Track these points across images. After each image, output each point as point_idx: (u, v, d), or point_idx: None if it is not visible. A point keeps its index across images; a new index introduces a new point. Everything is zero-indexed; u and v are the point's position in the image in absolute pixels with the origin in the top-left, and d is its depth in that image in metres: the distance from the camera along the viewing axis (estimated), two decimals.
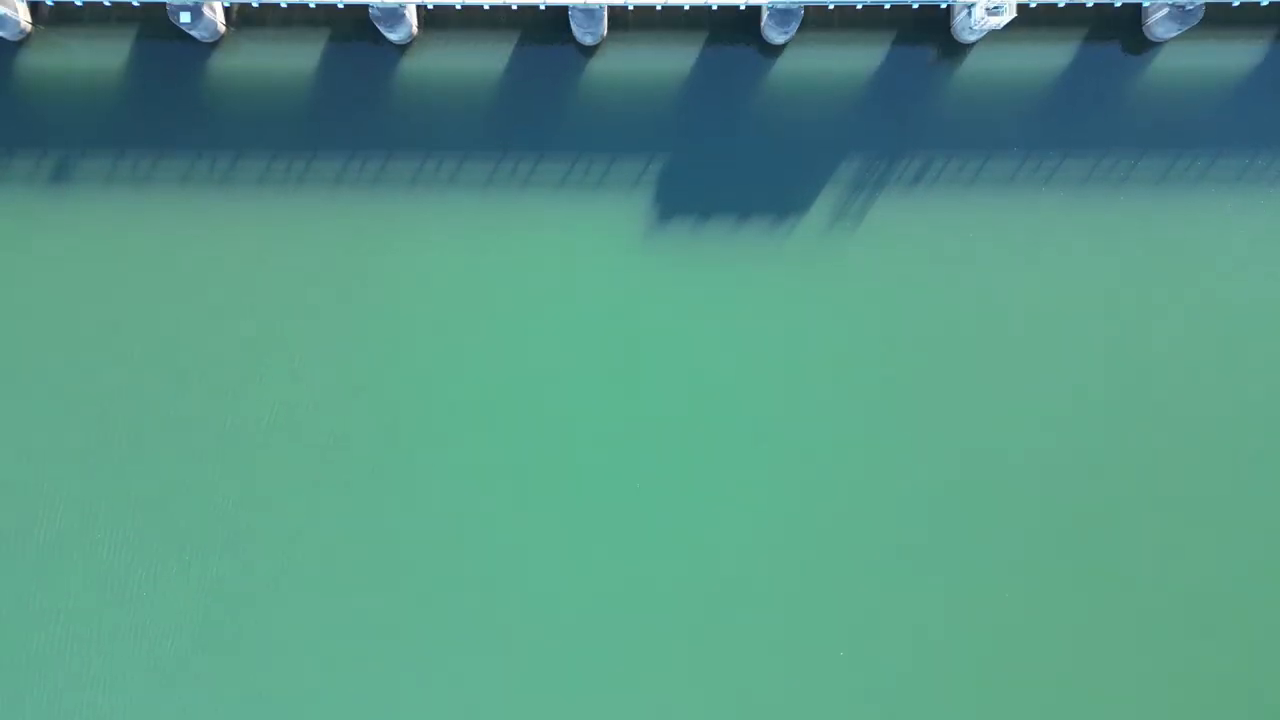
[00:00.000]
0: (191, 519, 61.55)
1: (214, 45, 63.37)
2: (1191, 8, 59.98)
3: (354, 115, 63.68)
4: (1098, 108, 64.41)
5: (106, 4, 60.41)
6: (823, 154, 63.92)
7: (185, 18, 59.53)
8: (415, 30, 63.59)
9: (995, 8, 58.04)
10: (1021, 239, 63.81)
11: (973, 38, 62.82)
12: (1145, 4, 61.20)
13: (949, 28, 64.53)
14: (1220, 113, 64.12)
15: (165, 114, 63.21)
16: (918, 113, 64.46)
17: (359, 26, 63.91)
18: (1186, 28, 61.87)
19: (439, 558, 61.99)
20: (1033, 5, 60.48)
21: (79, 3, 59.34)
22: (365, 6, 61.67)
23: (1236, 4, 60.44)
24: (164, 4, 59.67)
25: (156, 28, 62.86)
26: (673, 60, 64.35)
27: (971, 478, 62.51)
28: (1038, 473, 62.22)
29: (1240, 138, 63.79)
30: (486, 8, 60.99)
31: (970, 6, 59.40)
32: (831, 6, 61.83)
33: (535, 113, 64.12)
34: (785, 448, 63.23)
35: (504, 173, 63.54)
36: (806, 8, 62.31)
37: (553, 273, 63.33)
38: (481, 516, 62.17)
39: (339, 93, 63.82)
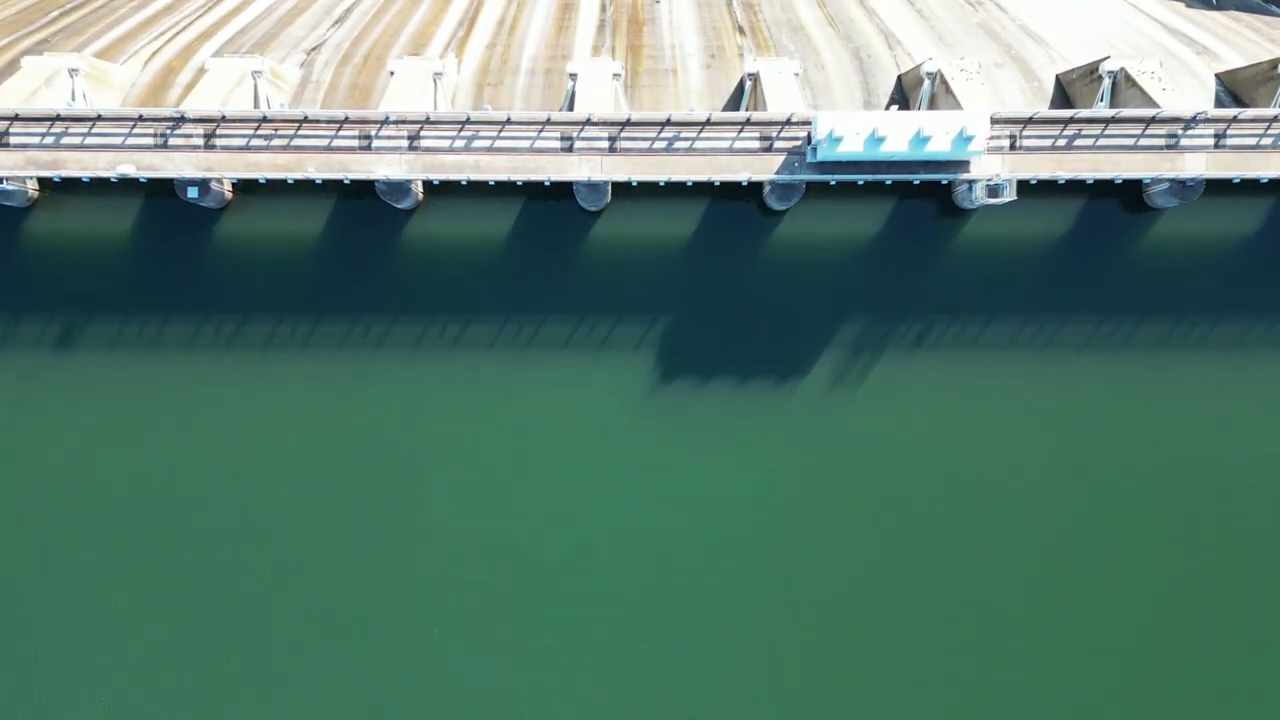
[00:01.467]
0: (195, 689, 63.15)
1: (221, 210, 63.59)
2: (1192, 184, 60.07)
3: (359, 278, 64.06)
4: (1098, 272, 64.66)
5: (113, 181, 60.54)
6: (824, 316, 64.34)
7: (193, 193, 59.69)
8: (420, 196, 63.74)
9: (996, 188, 58.15)
10: (1022, 402, 64.42)
11: (973, 206, 62.93)
12: (1145, 180, 61.23)
13: (950, 193, 64.61)
14: (1220, 279, 64.42)
15: (171, 277, 63.61)
16: (919, 275, 64.74)
17: (365, 191, 64.01)
18: (1187, 201, 62.07)
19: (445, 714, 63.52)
20: (1033, 183, 60.50)
21: (85, 179, 59.38)
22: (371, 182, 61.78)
23: (1237, 180, 60.49)
24: (171, 180, 59.82)
25: (163, 194, 63.03)
26: (675, 223, 64.52)
27: (970, 638, 63.78)
28: (1036, 649, 63.50)
29: (1240, 303, 64.20)
30: (492, 184, 61.11)
31: (971, 184, 59.46)
32: (834, 183, 61.92)
33: (539, 275, 64.44)
34: (788, 600, 64.41)
35: (508, 335, 64.04)
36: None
37: (557, 433, 64.05)
38: (483, 674, 63.49)
39: (344, 256, 64.14)
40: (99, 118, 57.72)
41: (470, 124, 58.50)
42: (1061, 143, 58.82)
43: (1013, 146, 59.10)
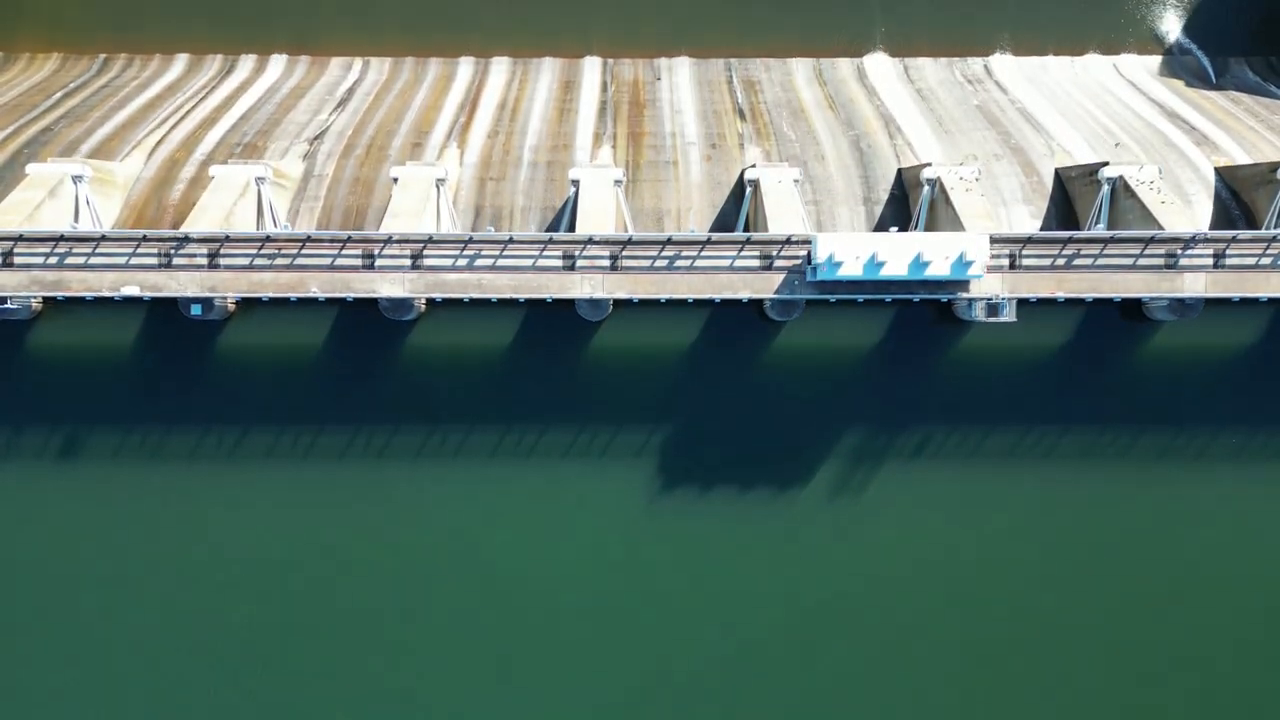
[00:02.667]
0: None
1: (224, 321, 63.89)
2: (1191, 301, 60.38)
3: (360, 387, 64.28)
4: (1098, 382, 64.87)
5: (116, 299, 60.71)
6: (825, 424, 64.56)
7: (196, 310, 59.97)
8: (422, 307, 64.00)
9: (996, 307, 58.43)
10: (1022, 512, 64.61)
11: (973, 319, 63.16)
12: (1145, 300, 61.48)
13: (950, 304, 64.77)
14: (1220, 389, 64.65)
15: (174, 388, 63.88)
16: (919, 384, 64.99)
17: (367, 302, 64.18)
18: (1187, 319, 62.35)
19: None
20: (1034, 301, 60.74)
21: (89, 297, 59.53)
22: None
23: (1236, 299, 60.70)
24: (175, 299, 60.13)
25: (166, 305, 63.22)
26: (676, 331, 64.71)
27: None
28: None
29: (1240, 414, 64.36)
30: (495, 301, 61.30)
31: (972, 302, 59.75)
32: (834, 300, 62.18)
33: (540, 383, 64.70)
34: (790, 705, 64.52)
35: (509, 444, 64.22)
36: None
37: (558, 542, 64.22)
38: None
39: (346, 366, 64.39)
40: (103, 238, 58.10)
41: (473, 243, 58.86)
42: (1061, 262, 59.11)
43: (1012, 265, 59.40)
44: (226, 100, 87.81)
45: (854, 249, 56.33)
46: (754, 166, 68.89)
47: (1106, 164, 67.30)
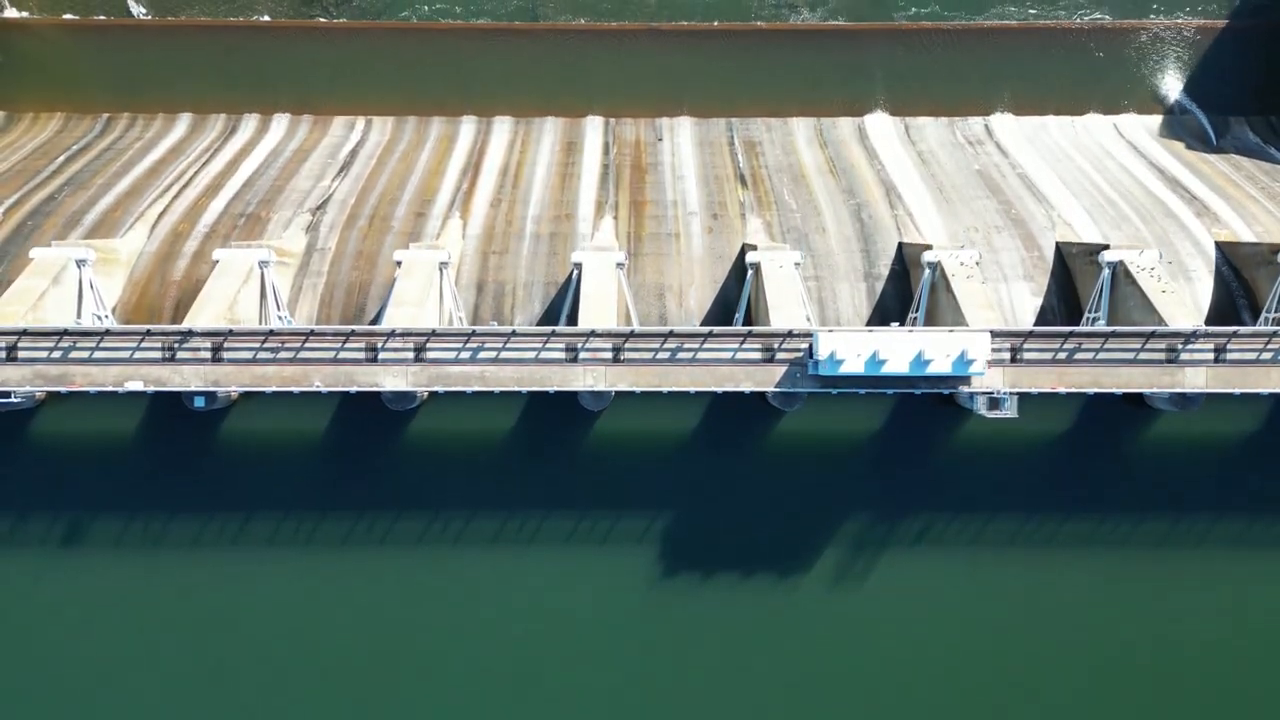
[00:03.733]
0: None
1: (226, 409, 64.17)
2: (1193, 394, 60.56)
3: (362, 475, 64.59)
4: (1099, 468, 65.15)
5: (119, 393, 60.91)
6: (827, 511, 64.76)
7: (199, 402, 60.19)
8: (424, 396, 64.19)
9: (997, 401, 58.60)
10: (1024, 599, 64.72)
11: (974, 409, 63.40)
12: (1146, 394, 61.70)
13: (952, 395, 65.05)
14: (1220, 477, 64.86)
15: (176, 475, 64.19)
16: (921, 471, 65.24)
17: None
18: (1188, 411, 62.56)
19: None
20: (1034, 394, 60.89)
21: (92, 391, 59.75)
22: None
23: (1238, 394, 60.87)
24: (178, 393, 60.36)
25: (169, 396, 63.55)
26: (677, 418, 64.99)
27: None
28: None
29: (1240, 502, 64.56)
30: (497, 393, 61.52)
31: (973, 395, 59.94)
32: (835, 393, 62.43)
33: (541, 471, 64.96)
34: None
35: (510, 531, 64.40)
36: None
37: (558, 629, 64.32)
38: None
39: (347, 453, 64.68)
40: (107, 332, 58.30)
41: (476, 336, 59.08)
42: (1062, 355, 59.25)
43: (1014, 359, 59.55)
44: (229, 165, 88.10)
45: (855, 346, 56.52)
46: (755, 249, 69.04)
47: (1107, 247, 67.48)
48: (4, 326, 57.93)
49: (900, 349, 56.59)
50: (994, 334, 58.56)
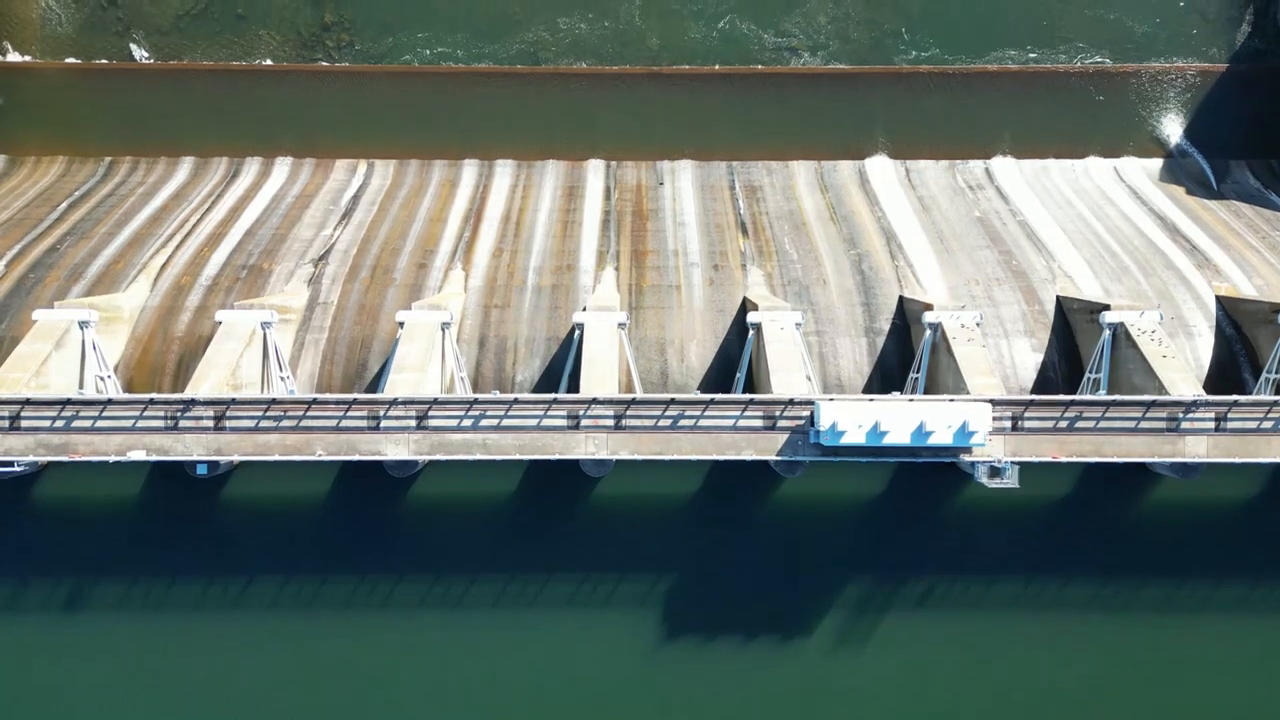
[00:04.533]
0: None
1: (228, 473, 64.28)
2: (1194, 464, 60.67)
3: (363, 537, 64.68)
4: (1100, 532, 65.18)
5: (121, 461, 61.13)
6: (828, 574, 64.80)
7: (202, 469, 60.36)
8: (425, 461, 64.43)
9: (999, 470, 58.65)
10: (1025, 661, 64.70)
11: (976, 476, 63.58)
12: (1149, 462, 61.81)
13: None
14: (1221, 541, 64.86)
15: (178, 539, 64.30)
16: (922, 533, 65.34)
17: None
18: (1189, 479, 62.67)
19: None
20: (1035, 461, 61.01)
21: (93, 460, 59.94)
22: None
23: (1238, 463, 60.98)
24: (180, 461, 60.50)
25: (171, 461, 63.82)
26: (679, 481, 65.04)
27: None
28: None
29: (1241, 566, 64.59)
30: (499, 461, 61.67)
31: (975, 464, 60.03)
32: (837, 460, 62.59)
33: (543, 534, 65.08)
34: None
35: (512, 594, 64.43)
36: None
37: (560, 691, 64.34)
38: None
39: (348, 517, 64.81)
40: (109, 402, 58.42)
41: (478, 404, 59.20)
42: (1063, 424, 59.30)
43: (1014, 427, 59.59)
44: (232, 212, 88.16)
45: (857, 417, 56.59)
46: (756, 309, 69.14)
47: (1107, 307, 67.61)
48: (7, 396, 58.07)
49: (901, 420, 56.67)
50: (994, 403, 58.61)
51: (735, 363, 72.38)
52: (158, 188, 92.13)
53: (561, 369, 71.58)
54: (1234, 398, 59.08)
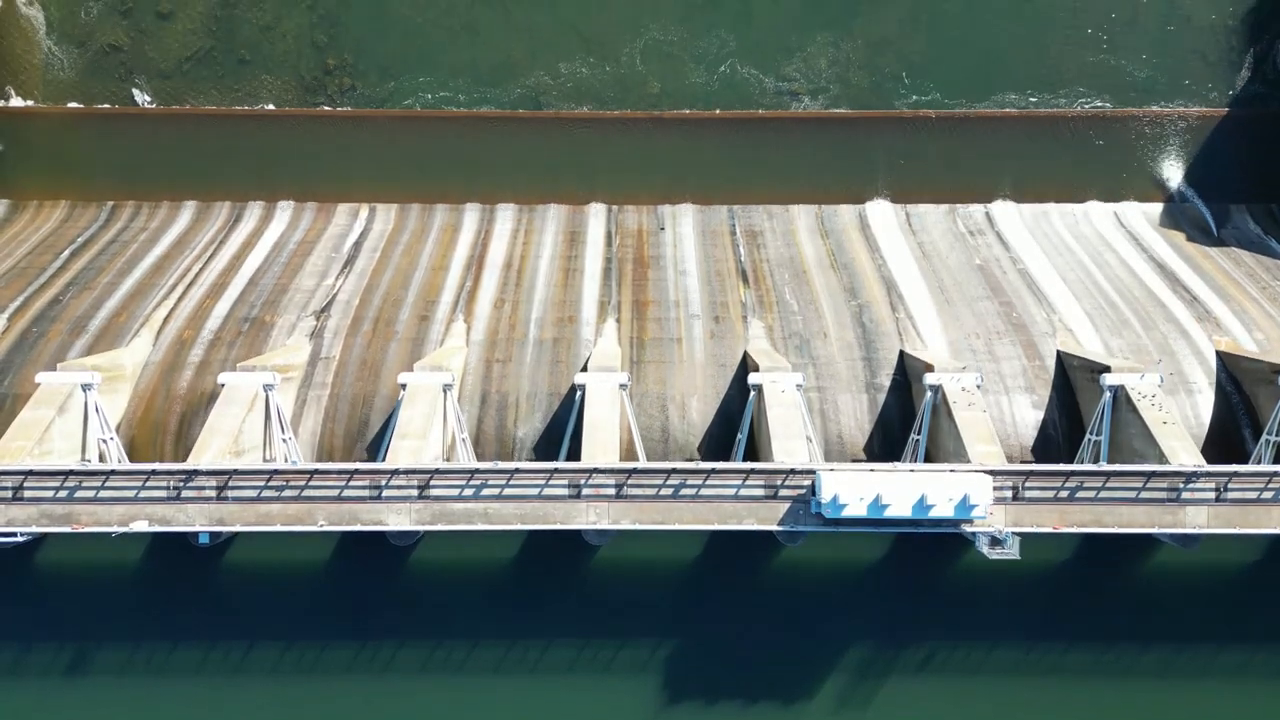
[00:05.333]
0: None
1: (229, 540, 64.53)
2: (1194, 534, 60.78)
3: (365, 602, 64.97)
4: (1101, 597, 65.40)
5: (123, 531, 61.37)
6: (829, 639, 64.97)
7: (204, 538, 60.60)
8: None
9: (1000, 540, 58.78)
10: None
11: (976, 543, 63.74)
12: (1153, 532, 62.00)
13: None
14: (1222, 606, 65.04)
15: (180, 604, 64.54)
16: (923, 598, 65.53)
17: None
18: (1190, 548, 62.82)
19: None
20: (1035, 531, 61.16)
21: (97, 532, 60.18)
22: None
23: (1238, 534, 61.10)
24: (182, 533, 60.68)
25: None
26: (679, 546, 65.27)
27: None
28: None
29: (1242, 632, 64.73)
30: (499, 529, 61.92)
31: (975, 534, 60.15)
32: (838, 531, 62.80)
33: (543, 599, 65.26)
34: None
35: (512, 660, 64.59)
36: None
37: None
38: None
39: (349, 583, 65.11)
40: (112, 472, 58.58)
41: (479, 474, 59.37)
42: (1064, 494, 59.37)
43: (1015, 497, 59.66)
44: (234, 260, 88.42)
45: (858, 490, 56.69)
46: (758, 370, 69.26)
47: (1108, 369, 67.70)
48: (10, 467, 58.16)
49: (902, 492, 56.74)
50: (995, 473, 58.70)
51: (736, 419, 72.59)
52: (160, 233, 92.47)
53: (562, 426, 71.68)
54: (1234, 468, 59.18)
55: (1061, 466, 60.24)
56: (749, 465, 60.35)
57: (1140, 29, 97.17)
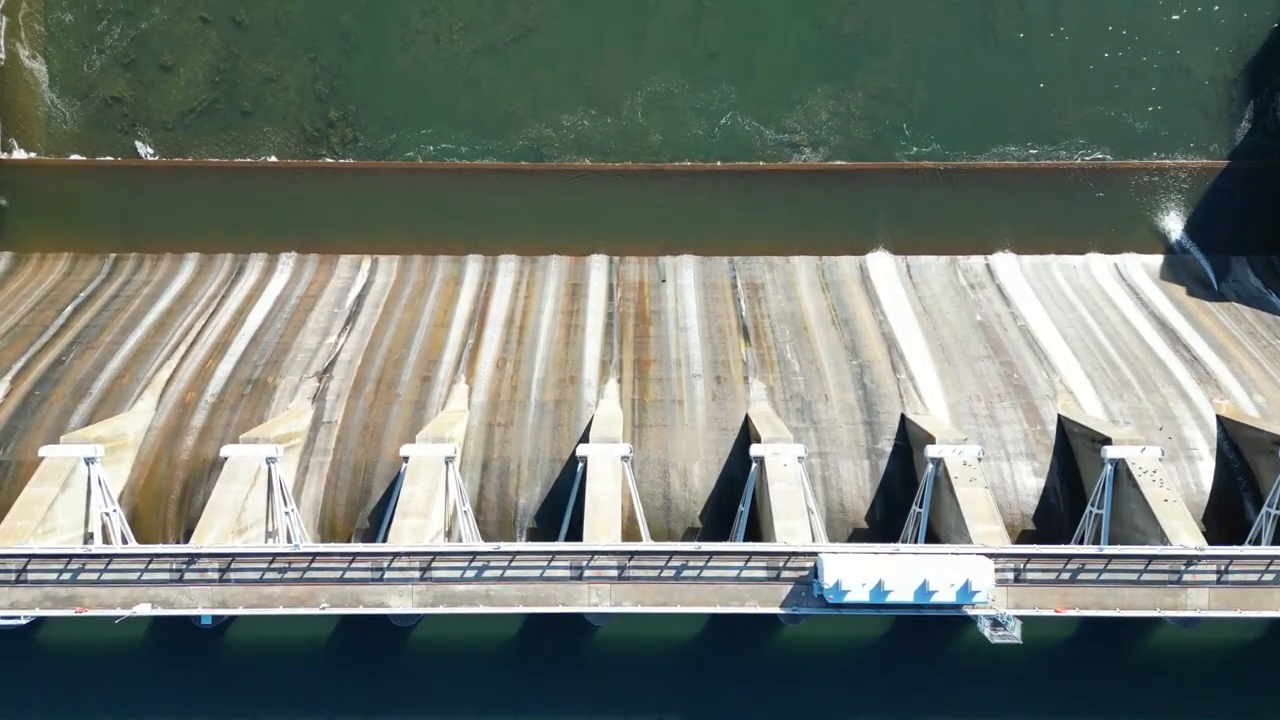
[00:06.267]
0: None
1: (231, 619, 64.67)
2: (1196, 617, 60.88)
3: (365, 682, 64.92)
4: (1101, 678, 65.35)
5: (126, 615, 61.52)
6: (829, 718, 65.09)
7: (206, 620, 60.69)
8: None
9: (1001, 623, 58.88)
10: None
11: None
12: (1157, 614, 62.11)
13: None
14: (1223, 683, 65.07)
15: (180, 684, 64.61)
16: (924, 680, 65.53)
17: None
18: (1191, 629, 62.96)
19: None
20: (1035, 611, 61.26)
21: (92, 613, 60.25)
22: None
23: (1239, 617, 61.22)
24: (184, 616, 60.79)
25: None
26: (680, 625, 65.13)
27: None
28: None
29: (1243, 712, 64.84)
30: (501, 611, 62.05)
31: (977, 617, 60.25)
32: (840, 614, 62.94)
33: (543, 679, 65.33)
34: None
35: None
36: None
37: None
38: None
39: (350, 661, 65.07)
40: (114, 556, 58.68)
41: (481, 555, 59.48)
42: (1066, 576, 59.50)
43: (1017, 579, 59.69)
44: (236, 316, 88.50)
45: (860, 574, 56.76)
46: (759, 443, 69.29)
47: (1109, 441, 67.79)
48: (14, 550, 58.28)
49: (904, 577, 56.80)
50: (996, 556, 58.81)
51: (738, 485, 72.55)
52: (163, 287, 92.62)
53: (564, 494, 71.60)
54: (1235, 551, 59.26)
55: (1063, 549, 60.34)
56: (750, 547, 60.44)
57: (1141, 81, 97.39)
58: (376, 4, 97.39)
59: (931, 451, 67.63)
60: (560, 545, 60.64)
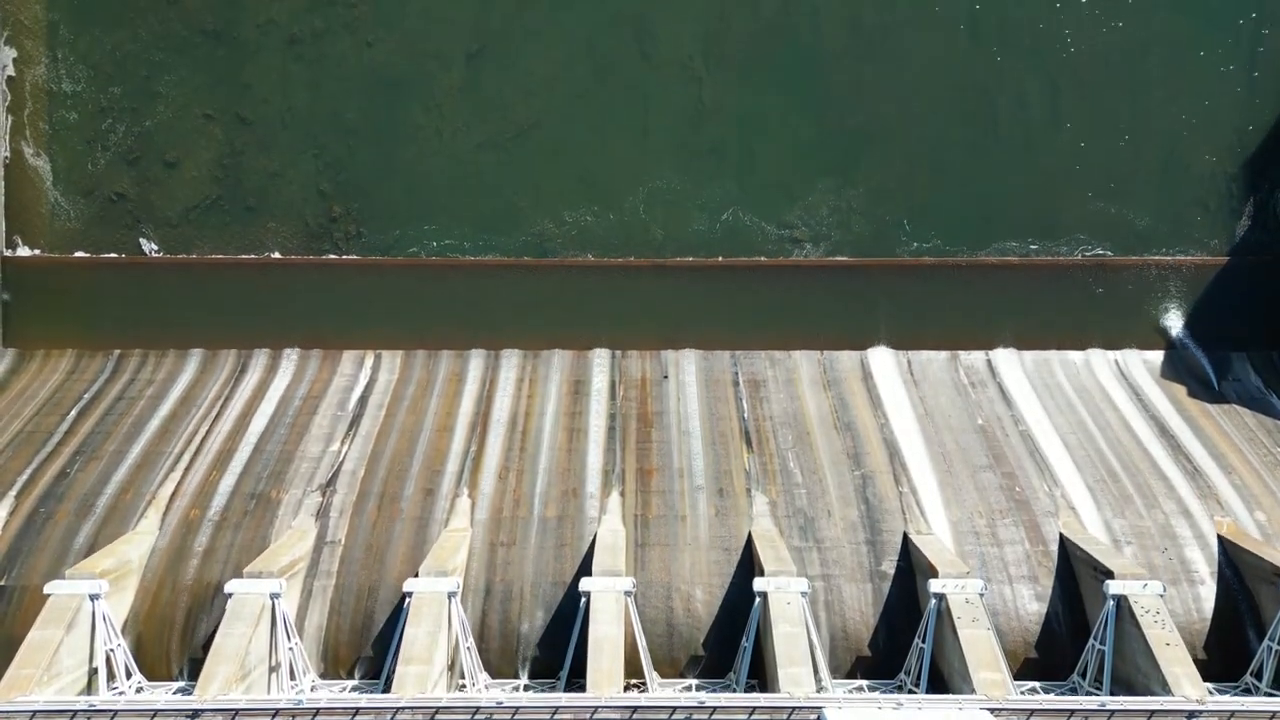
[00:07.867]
0: None
1: None
2: None
3: None
4: None
5: None
6: None
7: None
8: None
9: None
10: None
11: None
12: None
13: None
14: None
15: None
16: None
17: None
18: None
19: None
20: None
21: None
22: None
23: None
24: None
25: None
26: None
27: None
28: None
29: None
30: None
31: None
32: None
33: None
34: None
35: None
36: None
37: None
38: None
39: None
40: (118, 712, 58.95)
41: (483, 710, 59.71)
42: None
43: None
44: (240, 420, 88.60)
45: None
46: (762, 576, 69.53)
47: (1112, 575, 67.99)
48: (17, 707, 58.46)
49: None
50: (999, 711, 59.05)
51: (741, 609, 72.40)
52: (166, 387, 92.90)
53: (566, 619, 71.23)
54: (1237, 704, 59.46)
55: (1066, 703, 60.47)
56: (753, 701, 60.49)
57: (1141, 178, 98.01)
58: (380, 100, 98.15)
59: (934, 587, 67.77)
60: (563, 699, 60.80)
